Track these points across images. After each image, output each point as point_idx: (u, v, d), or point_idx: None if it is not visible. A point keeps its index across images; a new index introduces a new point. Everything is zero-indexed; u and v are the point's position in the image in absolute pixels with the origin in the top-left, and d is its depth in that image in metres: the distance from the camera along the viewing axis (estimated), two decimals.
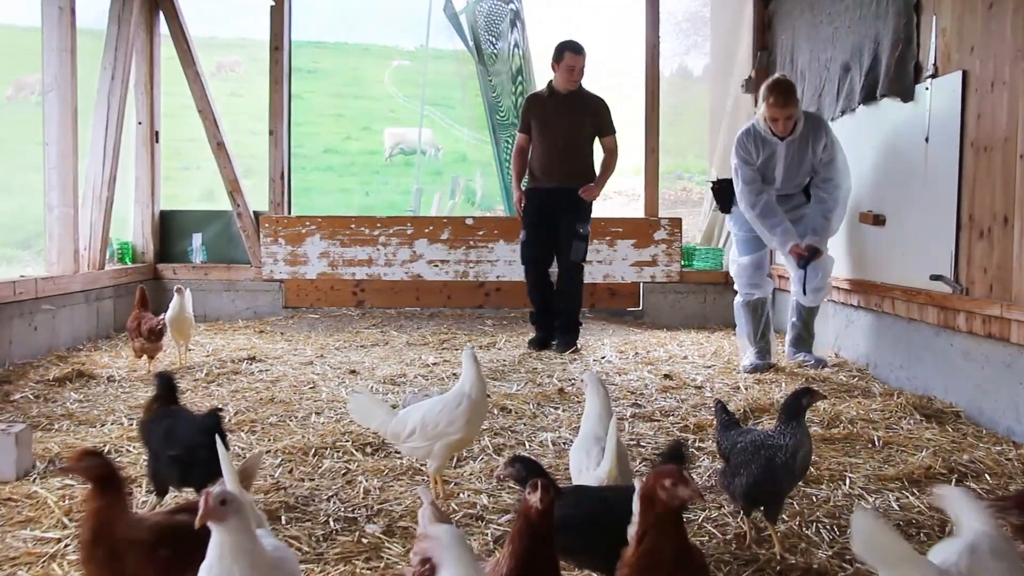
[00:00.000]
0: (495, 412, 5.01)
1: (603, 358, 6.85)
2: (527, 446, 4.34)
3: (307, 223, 8.93)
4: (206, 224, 9.18)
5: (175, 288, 6.51)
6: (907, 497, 3.58)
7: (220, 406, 4.70)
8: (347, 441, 4.33)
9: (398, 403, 5.13)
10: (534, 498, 2.09)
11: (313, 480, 3.81)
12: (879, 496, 3.60)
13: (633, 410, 5.10)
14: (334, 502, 3.52)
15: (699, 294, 8.84)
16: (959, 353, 5.12)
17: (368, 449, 4.26)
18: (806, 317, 6.42)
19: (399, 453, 4.18)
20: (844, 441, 4.38)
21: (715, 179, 7.05)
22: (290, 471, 3.92)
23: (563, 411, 5.09)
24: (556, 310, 7.38)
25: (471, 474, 3.93)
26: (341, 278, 8.94)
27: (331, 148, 23.43)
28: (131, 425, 4.64)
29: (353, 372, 6.22)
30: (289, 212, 9.07)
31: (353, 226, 8.93)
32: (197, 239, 9.10)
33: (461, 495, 3.63)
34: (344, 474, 3.89)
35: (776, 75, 6.28)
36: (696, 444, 4.40)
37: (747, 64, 8.86)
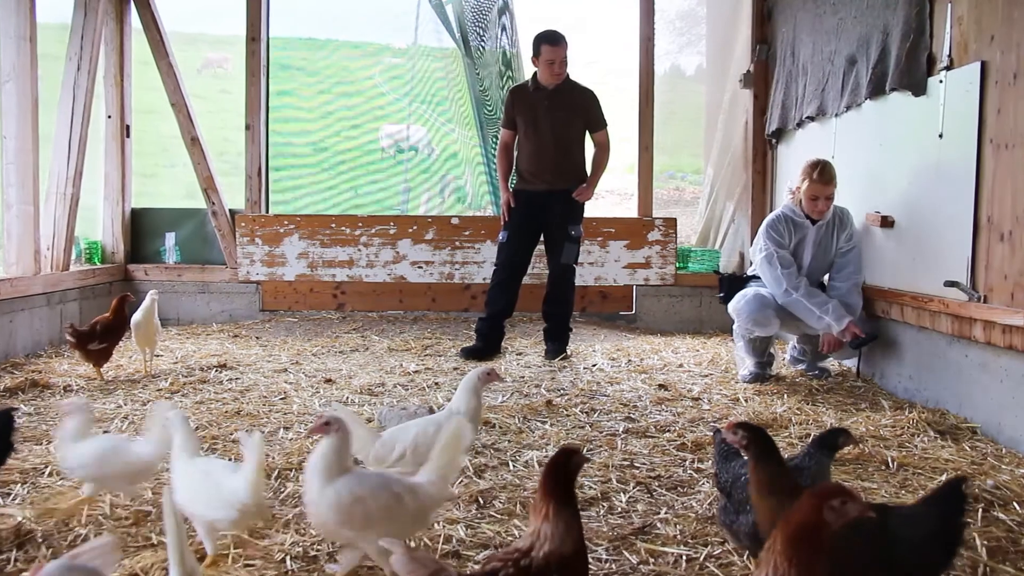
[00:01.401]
0: (478, 428, 4.64)
1: (594, 366, 6.49)
2: (511, 466, 3.98)
3: (285, 222, 8.55)
4: (180, 223, 8.79)
5: (151, 293, 6.15)
6: None
7: (15, 407, 4.40)
8: None
9: (372, 416, 4.80)
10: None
11: (272, 507, 3.44)
12: None
13: (626, 424, 4.74)
14: (292, 535, 3.15)
15: (694, 298, 8.48)
16: (975, 365, 4.78)
17: None
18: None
19: None
20: (855, 462, 4.02)
21: (725, 272, 7.01)
22: None
23: (551, 426, 4.73)
24: (546, 315, 7.01)
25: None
26: (321, 280, 8.56)
27: (320, 146, 23.14)
28: None
29: (329, 381, 5.85)
30: (267, 210, 8.69)
31: (333, 225, 8.56)
32: (171, 238, 8.72)
33: (434, 526, 3.26)
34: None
35: (818, 157, 5.98)
36: (695, 465, 4.03)
37: (745, 59, 8.51)
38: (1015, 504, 3.47)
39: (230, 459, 3.99)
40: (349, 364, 6.49)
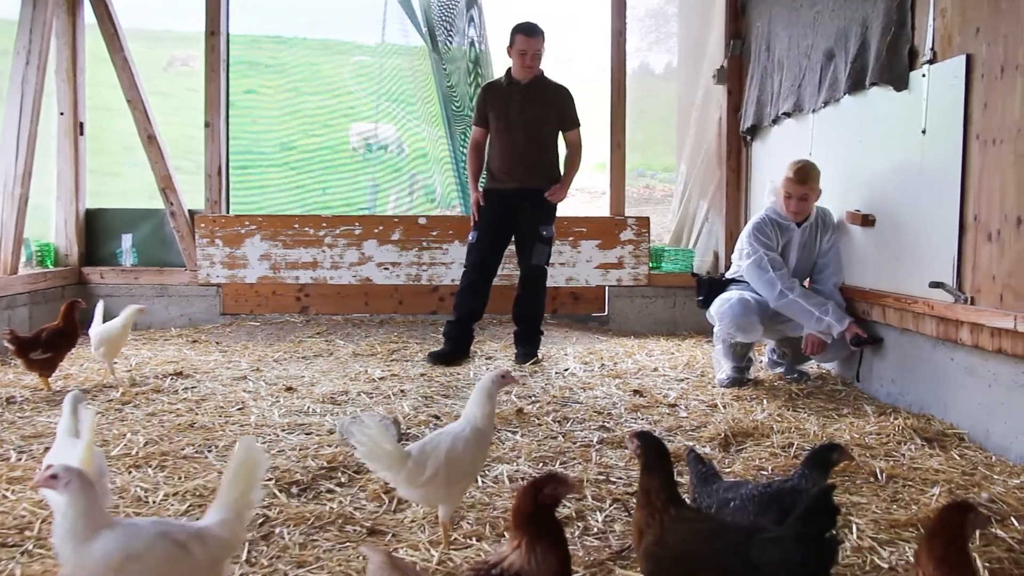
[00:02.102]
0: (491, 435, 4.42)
1: (566, 370, 6.28)
2: (479, 482, 3.74)
3: (246, 223, 8.27)
4: (137, 224, 8.48)
5: (138, 307, 5.88)
6: None
7: None
8: (270, 479, 3.70)
9: (333, 428, 4.56)
10: None
11: None
12: (894, 548, 3.04)
13: (601, 434, 4.52)
14: (241, 566, 2.90)
15: (668, 298, 8.29)
16: (962, 369, 4.60)
17: (294, 489, 3.64)
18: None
19: (330, 495, 3.59)
20: (843, 474, 3.82)
21: (703, 273, 6.88)
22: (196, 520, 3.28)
23: (522, 436, 4.51)
24: (516, 317, 6.79)
25: (411, 522, 3.32)
26: (284, 282, 8.29)
27: (288, 144, 22.90)
28: (18, 460, 4.00)
29: (290, 389, 5.59)
30: (227, 211, 8.40)
31: (297, 226, 8.28)
32: (127, 240, 8.40)
33: (397, 551, 3.03)
34: (261, 523, 3.27)
35: (802, 157, 5.86)
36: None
37: (718, 54, 8.33)
38: (1013, 519, 3.29)
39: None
40: (312, 371, 6.23)
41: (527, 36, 6.48)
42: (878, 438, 4.40)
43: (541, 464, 4.03)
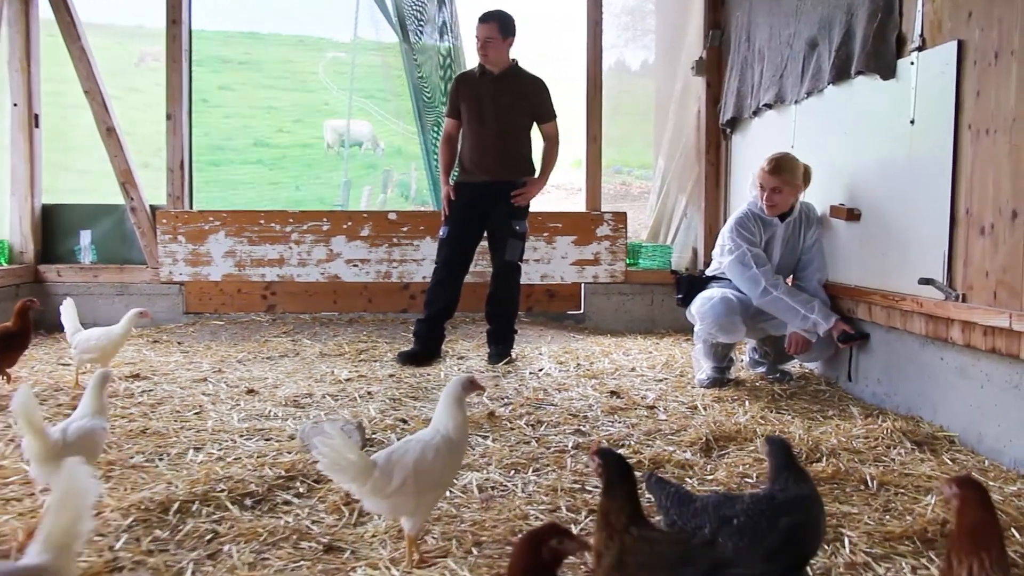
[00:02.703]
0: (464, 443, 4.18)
1: (541, 370, 6.05)
2: (447, 494, 3.51)
3: (210, 218, 7.98)
4: (96, 220, 8.16)
5: (139, 311, 5.60)
6: (926, 567, 2.81)
7: None
8: (222, 490, 3.45)
9: (294, 433, 4.30)
10: None
11: (166, 551, 2.93)
12: (890, 564, 2.83)
13: (576, 439, 4.30)
14: None
15: (646, 295, 8.08)
16: (952, 369, 4.41)
17: (248, 501, 3.39)
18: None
19: (286, 507, 3.35)
20: (831, 481, 3.62)
21: (682, 271, 6.41)
22: (137, 538, 3.02)
23: (493, 441, 4.27)
24: (489, 315, 6.56)
25: (372, 536, 3.08)
26: (249, 280, 8.01)
27: (262, 141, 22.66)
28: None
29: (251, 392, 5.33)
30: (191, 206, 8.11)
31: (262, 222, 8.00)
32: (86, 237, 8.09)
33: (355, 571, 2.79)
34: (210, 540, 3.02)
35: (781, 150, 5.69)
36: None
37: (697, 45, 8.12)
38: (1014, 531, 3.09)
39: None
40: (276, 372, 5.98)
41: (480, 23, 6.30)
42: (866, 442, 4.20)
43: (512, 471, 3.80)
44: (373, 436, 4.33)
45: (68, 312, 5.58)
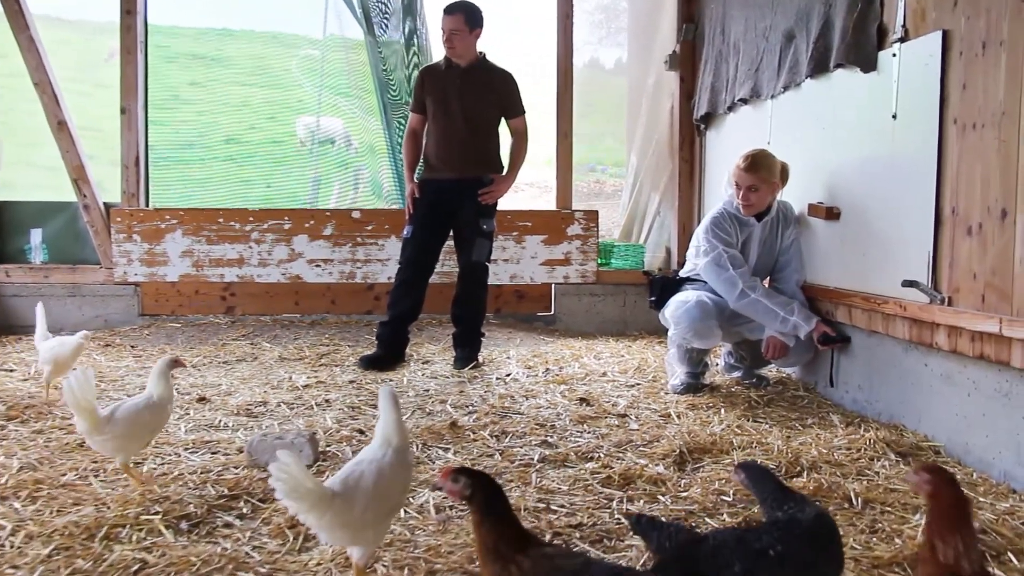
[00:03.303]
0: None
1: (508, 375, 5.81)
2: (401, 514, 3.25)
3: (167, 216, 7.67)
4: (47, 218, 7.84)
5: (82, 333, 5.25)
6: None
7: None
8: (157, 513, 3.18)
9: (242, 447, 4.03)
10: None
11: None
12: None
13: (542, 451, 4.05)
14: None
15: (618, 296, 7.85)
16: (937, 376, 4.20)
17: (184, 525, 3.11)
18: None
19: (227, 531, 3.08)
20: (813, 498, 3.38)
21: (655, 272, 6.39)
22: (56, 570, 2.75)
23: (455, 454, 4.02)
24: (455, 318, 6.31)
25: (318, 564, 2.82)
26: (208, 280, 7.71)
27: (233, 138, 22.41)
28: None
29: (203, 400, 5.05)
30: (147, 204, 7.80)
31: (221, 220, 7.71)
32: (36, 235, 7.76)
33: None
34: (137, 570, 2.75)
35: (757, 147, 5.46)
36: (623, 507, 3.35)
37: (671, 40, 7.91)
38: (1010, 555, 2.87)
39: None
40: (231, 377, 5.70)
41: (445, 14, 6.05)
42: (848, 453, 3.98)
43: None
44: (327, 449, 4.07)
45: (40, 318, 5.25)
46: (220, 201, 8.45)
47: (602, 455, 3.98)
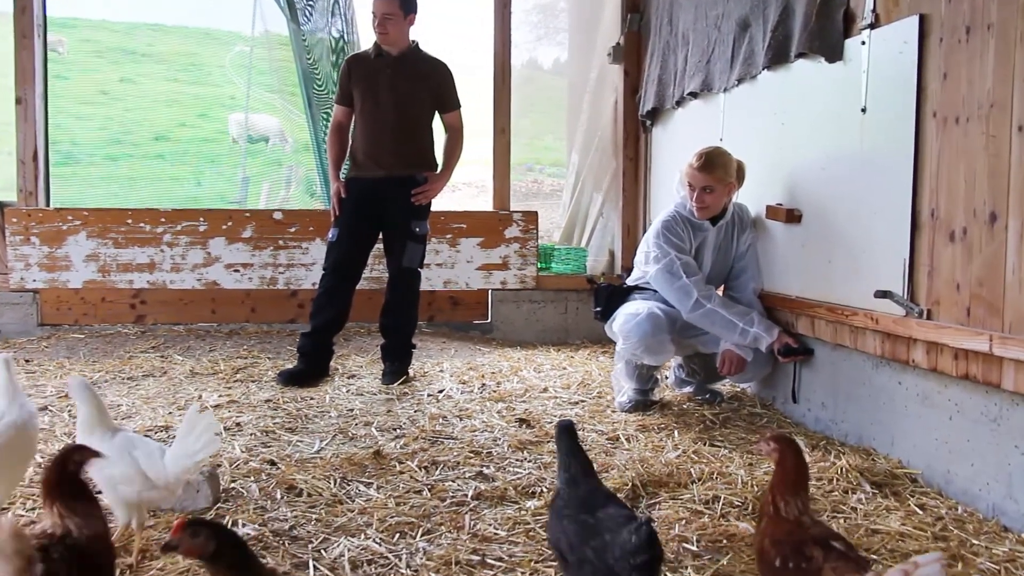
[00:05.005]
0: (277, 497, 3.41)
1: (441, 392, 5.32)
2: (311, 570, 2.74)
3: (69, 217, 7.03)
4: None
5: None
6: None
7: None
8: None
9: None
10: None
11: None
12: None
13: (478, 485, 3.57)
14: None
15: (559, 303, 7.40)
16: (913, 396, 3.81)
17: None
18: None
19: None
20: None
21: (600, 280, 6.08)
22: None
23: (377, 489, 3.53)
24: (384, 329, 5.80)
25: None
26: (115, 287, 7.08)
27: (163, 135, 21.73)
28: None
29: None
30: (47, 203, 7.16)
31: (130, 221, 7.08)
32: None
33: None
34: None
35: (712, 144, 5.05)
36: None
37: (614, 31, 7.48)
38: None
39: None
40: (134, 396, 5.13)
41: None
42: (820, 485, 3.57)
43: (397, 535, 3.06)
44: (232, 485, 3.54)
45: None
46: (147, 201, 7.85)
47: (545, 489, 3.51)
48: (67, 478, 2.27)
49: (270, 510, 3.27)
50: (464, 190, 18.75)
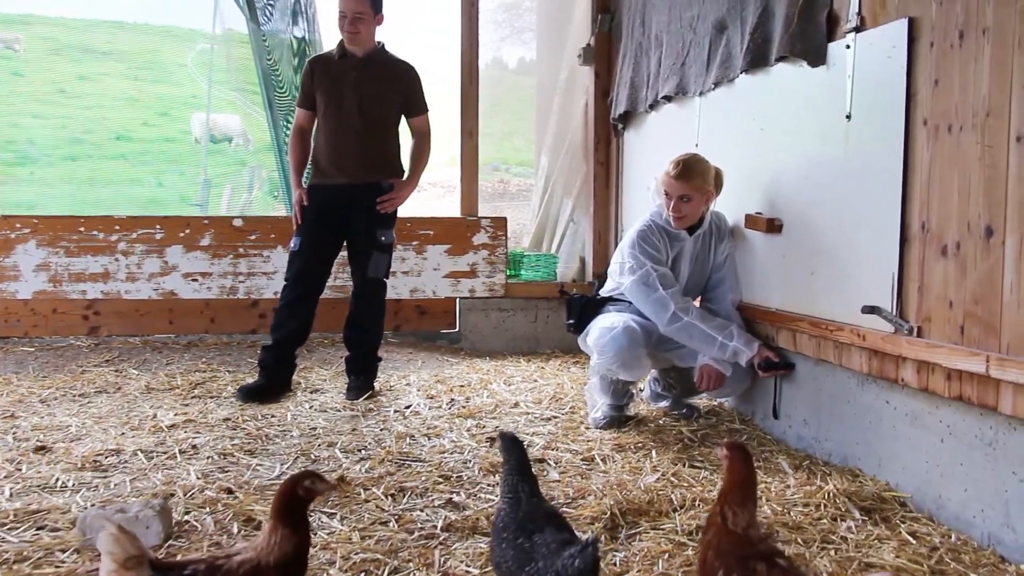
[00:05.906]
0: (233, 531, 3.18)
1: (408, 408, 5.11)
2: None
3: (17, 225, 6.73)
4: None
5: None
6: None
7: None
8: None
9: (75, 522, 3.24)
10: None
11: None
12: None
13: (448, 514, 3.36)
14: None
15: (528, 311, 7.20)
16: (902, 416, 3.65)
17: None
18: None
19: None
20: None
21: (573, 291, 5.98)
22: None
23: (340, 520, 3.31)
24: (348, 341, 5.58)
25: None
26: (68, 298, 6.79)
27: (124, 135, 21.35)
28: None
29: (42, 449, 4.20)
30: None
31: (83, 229, 6.80)
32: None
33: None
34: None
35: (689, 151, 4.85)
36: None
37: (585, 32, 7.29)
38: None
39: None
40: (84, 415, 4.87)
41: None
42: (807, 511, 3.40)
43: (362, 575, 2.85)
44: (185, 518, 3.31)
45: None
46: (103, 201, 7.57)
47: None
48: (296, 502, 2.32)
49: (226, 546, 3.04)
50: (430, 190, 18.53)
